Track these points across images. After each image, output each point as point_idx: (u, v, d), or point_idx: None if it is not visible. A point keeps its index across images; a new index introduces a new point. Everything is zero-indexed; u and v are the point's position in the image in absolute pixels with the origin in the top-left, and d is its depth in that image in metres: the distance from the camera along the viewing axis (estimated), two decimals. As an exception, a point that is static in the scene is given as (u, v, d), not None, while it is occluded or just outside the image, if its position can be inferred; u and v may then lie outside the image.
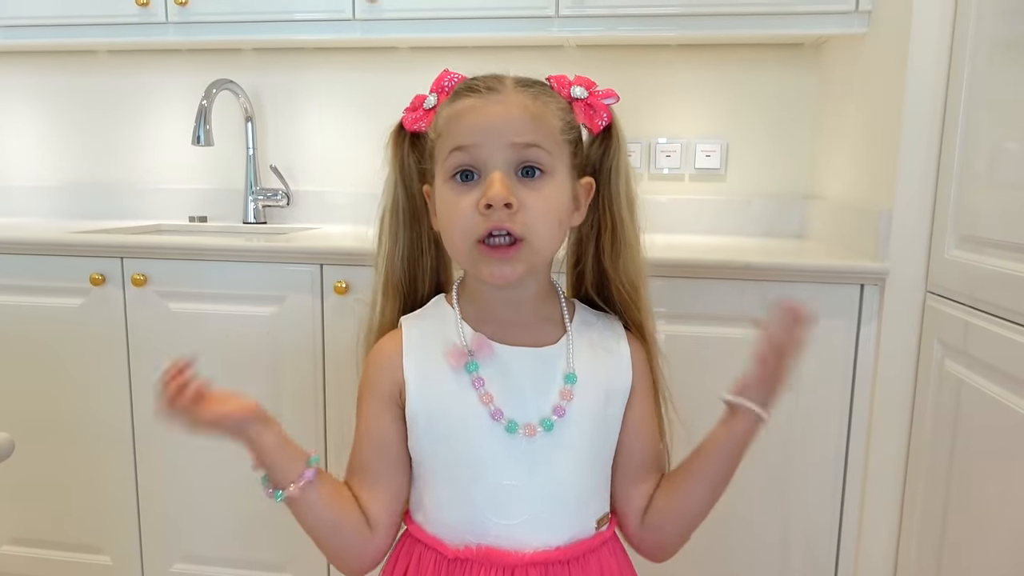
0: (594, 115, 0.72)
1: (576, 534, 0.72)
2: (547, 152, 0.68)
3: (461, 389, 0.70)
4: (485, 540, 0.70)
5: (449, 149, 0.68)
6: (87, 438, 1.52)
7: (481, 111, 0.67)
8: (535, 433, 0.69)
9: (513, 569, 0.69)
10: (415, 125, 0.73)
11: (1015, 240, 0.99)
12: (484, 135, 0.66)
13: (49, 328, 1.50)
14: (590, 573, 0.72)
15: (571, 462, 0.71)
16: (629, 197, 0.75)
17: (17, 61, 2.00)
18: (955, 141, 1.15)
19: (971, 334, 1.07)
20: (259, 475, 0.70)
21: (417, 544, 0.74)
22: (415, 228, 0.77)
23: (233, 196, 1.95)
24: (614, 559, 0.75)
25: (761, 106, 1.75)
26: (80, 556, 1.58)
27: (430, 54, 1.79)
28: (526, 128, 0.67)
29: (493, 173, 0.66)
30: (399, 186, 0.76)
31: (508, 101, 0.67)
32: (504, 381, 0.71)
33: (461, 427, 0.70)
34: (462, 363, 0.70)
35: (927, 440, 1.20)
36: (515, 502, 0.70)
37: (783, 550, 1.36)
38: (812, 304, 1.25)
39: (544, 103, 0.69)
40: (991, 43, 1.07)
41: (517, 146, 0.66)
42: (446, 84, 0.72)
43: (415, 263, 0.78)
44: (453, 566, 0.71)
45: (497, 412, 0.69)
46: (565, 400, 0.71)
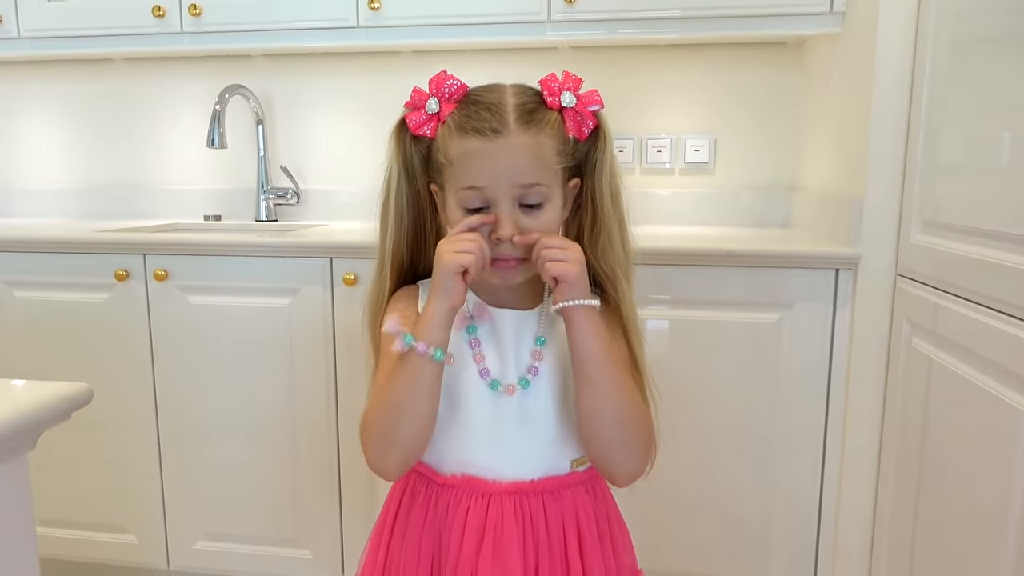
0: (581, 123, 0.80)
1: (549, 470, 0.83)
2: (546, 186, 0.78)
3: (459, 347, 0.82)
4: (468, 471, 0.82)
5: (462, 187, 0.78)
6: (113, 424, 1.61)
7: (489, 157, 0.76)
8: (514, 392, 0.81)
9: (491, 496, 0.81)
10: (420, 130, 0.80)
11: (975, 225, 1.06)
12: (493, 180, 0.76)
13: (77, 321, 1.60)
14: (563, 506, 0.82)
15: (543, 412, 0.82)
16: (613, 191, 0.83)
17: (42, 71, 2.09)
18: (920, 132, 1.23)
19: (939, 314, 1.15)
20: (407, 338, 0.76)
21: (412, 472, 0.86)
22: (418, 217, 0.86)
23: (245, 195, 2.04)
24: (590, 499, 0.85)
25: (748, 102, 1.83)
26: (107, 536, 1.68)
27: (431, 57, 1.88)
28: (529, 171, 0.76)
29: (501, 211, 0.77)
30: (401, 178, 0.83)
31: (513, 145, 0.76)
32: (493, 340, 0.83)
33: (456, 379, 0.82)
34: (463, 325, 0.82)
35: (899, 413, 1.28)
36: (494, 441, 0.82)
37: (765, 521, 1.44)
38: (792, 288, 1.35)
39: (542, 137, 0.77)
40: (949, 41, 1.15)
41: (521, 187, 0.77)
42: (447, 90, 0.79)
43: (417, 247, 0.87)
44: (441, 491, 0.83)
45: (485, 371, 0.82)
46: (537, 360, 0.82)
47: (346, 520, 1.57)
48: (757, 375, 1.40)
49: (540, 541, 0.81)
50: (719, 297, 1.39)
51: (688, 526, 1.46)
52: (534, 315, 0.85)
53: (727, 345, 1.40)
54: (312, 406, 1.54)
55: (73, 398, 0.65)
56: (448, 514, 0.81)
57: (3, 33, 1.81)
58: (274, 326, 1.53)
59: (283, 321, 1.52)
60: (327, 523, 1.58)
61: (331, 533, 1.58)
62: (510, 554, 0.79)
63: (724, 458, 1.44)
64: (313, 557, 1.60)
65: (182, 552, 1.65)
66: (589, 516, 0.84)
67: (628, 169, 1.87)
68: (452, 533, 0.81)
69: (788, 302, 1.37)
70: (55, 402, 0.63)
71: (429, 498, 0.83)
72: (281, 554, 1.61)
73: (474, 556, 0.79)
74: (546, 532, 0.81)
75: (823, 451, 1.40)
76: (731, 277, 1.38)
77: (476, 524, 0.80)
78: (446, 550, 0.81)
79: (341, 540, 1.58)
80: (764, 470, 1.43)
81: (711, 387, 1.41)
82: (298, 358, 1.53)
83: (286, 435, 1.56)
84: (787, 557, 1.45)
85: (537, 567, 0.80)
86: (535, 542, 0.80)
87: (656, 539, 1.45)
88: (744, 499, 1.45)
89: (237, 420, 1.58)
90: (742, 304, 1.39)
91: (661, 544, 1.46)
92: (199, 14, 1.71)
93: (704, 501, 1.45)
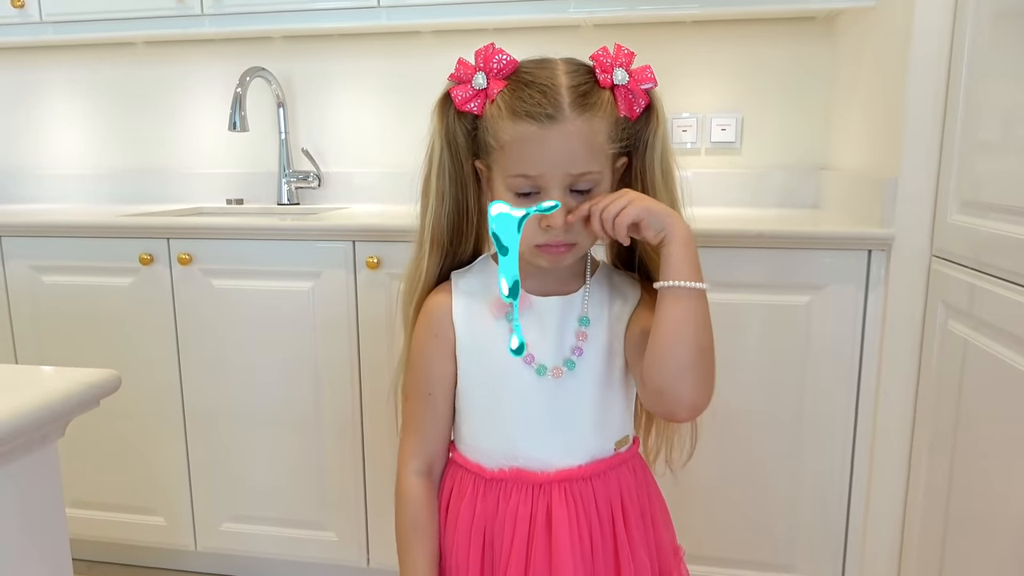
0: (633, 102, 0.76)
1: (595, 454, 0.82)
2: (598, 172, 0.75)
3: (501, 336, 0.80)
4: (516, 463, 0.81)
5: (512, 170, 0.75)
6: (140, 407, 1.63)
7: (544, 144, 0.73)
8: (561, 375, 0.80)
9: (541, 486, 0.80)
10: (467, 106, 0.76)
11: (1017, 204, 1.03)
12: (546, 167, 0.73)
13: (103, 305, 1.61)
14: (609, 488, 0.82)
15: (589, 394, 0.81)
16: (665, 170, 0.80)
17: (64, 56, 2.10)
18: (958, 109, 1.19)
19: (976, 296, 1.12)
20: None
21: (459, 469, 0.86)
22: (462, 192, 0.82)
23: (267, 179, 2.04)
24: (632, 477, 0.85)
25: (775, 80, 1.79)
26: (136, 517, 1.70)
27: (452, 37, 1.85)
28: (583, 160, 0.74)
29: (553, 198, 0.74)
30: (444, 151, 0.80)
31: (568, 132, 0.73)
32: (537, 328, 0.81)
33: (500, 369, 0.81)
34: (503, 313, 0.81)
35: (933, 397, 1.25)
36: (542, 431, 0.81)
37: (792, 506, 1.43)
38: (823, 269, 1.32)
39: (596, 123, 0.74)
40: (992, 13, 1.11)
41: (573, 175, 0.74)
42: (495, 65, 0.75)
43: (459, 223, 0.84)
44: (490, 485, 0.82)
45: (530, 357, 0.80)
46: (581, 340, 0.81)
47: (371, 502, 1.58)
48: (786, 358, 1.37)
49: (592, 525, 0.81)
50: (748, 279, 1.36)
51: (715, 511, 1.45)
52: (577, 298, 0.83)
53: (756, 328, 1.37)
54: (336, 388, 1.54)
55: (101, 385, 0.65)
56: (498, 507, 0.81)
57: (25, 18, 1.81)
58: (297, 309, 1.53)
59: (306, 304, 1.52)
60: (352, 506, 1.59)
61: (356, 515, 1.59)
62: (562, 540, 0.79)
63: (752, 442, 1.42)
64: (338, 539, 1.61)
65: (209, 533, 1.67)
66: (632, 495, 0.84)
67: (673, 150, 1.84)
68: (504, 525, 0.81)
69: (819, 284, 1.34)
70: (83, 389, 0.63)
71: (477, 492, 0.83)
72: (306, 536, 1.62)
73: (526, 545, 0.79)
74: (597, 515, 0.81)
75: (853, 436, 1.38)
76: (760, 259, 1.35)
77: (526, 514, 0.80)
78: (499, 542, 0.81)
79: (366, 522, 1.59)
80: (793, 454, 1.41)
81: (739, 371, 1.38)
82: (321, 341, 1.53)
83: (311, 418, 1.57)
84: (815, 546, 1.43)
85: (592, 550, 0.81)
86: (588, 526, 0.81)
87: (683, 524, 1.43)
88: (771, 484, 1.43)
89: (262, 403, 1.59)
90: (771, 286, 1.36)
91: (688, 529, 1.44)
92: (219, -4, 1.70)
93: (731, 486, 1.44)
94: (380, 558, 1.59)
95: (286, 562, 1.67)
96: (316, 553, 1.63)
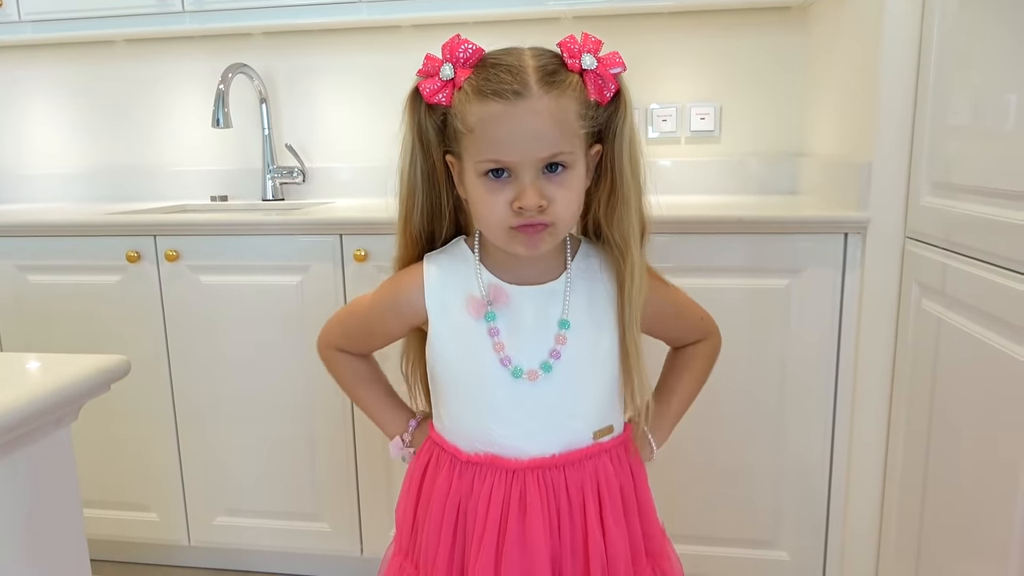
0: (603, 86, 0.76)
1: (570, 444, 0.83)
2: (570, 152, 0.75)
3: (478, 337, 0.81)
4: (491, 449, 0.83)
5: (482, 154, 0.74)
6: (131, 404, 1.63)
7: (512, 122, 0.72)
8: (537, 378, 0.81)
9: (514, 472, 0.82)
10: (435, 97, 0.75)
11: (986, 185, 1.06)
12: (516, 146, 0.72)
13: (90, 304, 1.61)
14: (583, 475, 0.83)
15: (565, 395, 0.82)
16: (632, 158, 0.79)
17: (43, 55, 2.09)
18: (928, 94, 1.22)
19: (948, 275, 1.15)
20: None
21: (435, 447, 0.88)
22: (433, 189, 0.82)
23: (251, 175, 2.04)
24: (612, 466, 0.85)
25: (752, 69, 1.82)
26: (129, 514, 1.71)
27: (432, 31, 1.87)
28: (554, 139, 0.73)
29: (524, 179, 0.73)
30: (416, 148, 0.80)
31: (536, 109, 0.72)
32: (514, 325, 0.81)
33: (475, 368, 0.82)
34: (481, 314, 0.81)
35: (909, 375, 1.29)
36: (515, 425, 0.83)
37: (775, 487, 1.46)
38: (801, 253, 1.36)
39: (565, 101, 0.73)
40: (959, 2, 1.14)
41: (544, 156, 0.73)
42: (461, 55, 0.74)
43: (433, 220, 0.85)
44: (465, 467, 0.84)
45: (506, 359, 0.81)
46: (560, 344, 0.81)
47: (363, 493, 1.60)
48: (767, 341, 1.41)
49: (562, 510, 0.82)
50: (728, 264, 1.39)
51: (700, 490, 1.48)
52: (557, 289, 0.83)
53: (736, 312, 1.40)
54: (326, 381, 1.53)
55: (112, 369, 0.67)
56: (473, 488, 0.83)
57: (4, 17, 1.80)
58: (286, 304, 1.54)
59: (295, 298, 1.53)
60: (344, 497, 1.61)
61: (349, 506, 1.61)
62: (534, 523, 0.80)
63: (735, 422, 1.45)
64: (332, 530, 1.63)
65: (202, 528, 1.68)
66: (611, 483, 0.84)
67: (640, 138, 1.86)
68: (478, 504, 0.82)
69: (797, 267, 1.37)
70: (95, 373, 0.65)
71: (453, 471, 0.85)
72: (300, 528, 1.64)
73: (499, 525, 0.81)
74: (568, 502, 0.82)
75: (833, 414, 1.42)
76: (740, 244, 1.38)
77: (500, 497, 0.82)
78: (472, 519, 0.83)
79: (359, 512, 1.61)
80: (775, 433, 1.44)
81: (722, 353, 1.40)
82: (311, 334, 1.52)
83: (302, 411, 1.58)
84: (798, 521, 1.47)
85: (559, 533, 0.82)
86: (557, 511, 0.82)
87: (668, 504, 1.46)
88: (755, 463, 1.46)
89: (253, 397, 1.60)
90: (751, 270, 1.39)
91: (672, 512, 1.48)
92: (200, -8, 1.71)
93: (715, 466, 1.47)
94: (373, 547, 1.62)
95: (280, 554, 1.69)
96: (310, 544, 1.64)
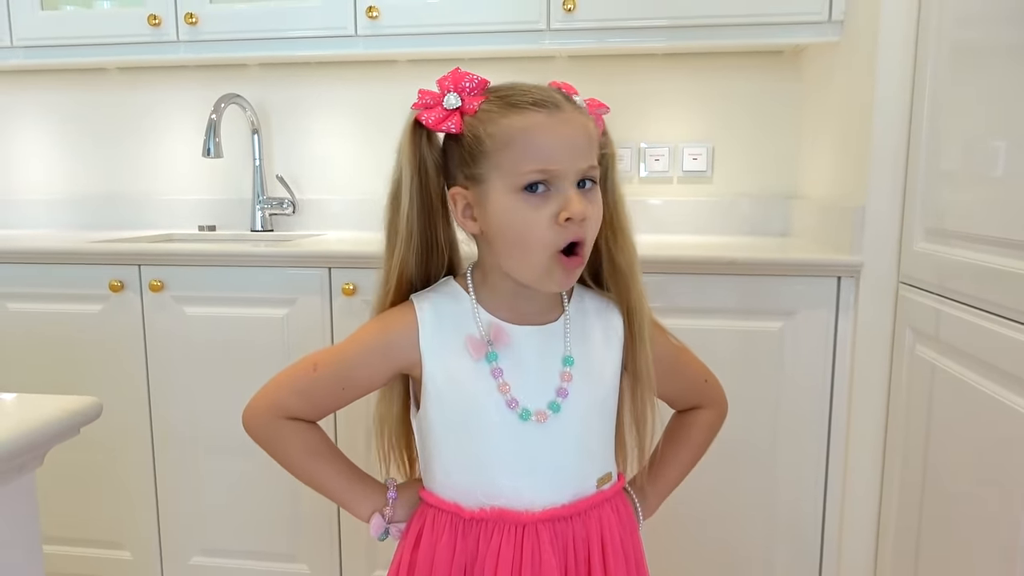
0: (598, 122, 0.78)
1: (577, 492, 0.79)
2: (598, 168, 0.75)
3: (479, 378, 0.77)
4: (497, 502, 0.77)
5: (526, 165, 0.71)
6: (108, 438, 1.58)
7: (555, 131, 0.71)
8: (546, 419, 0.77)
9: (524, 526, 0.76)
10: (443, 125, 0.74)
11: (979, 232, 1.06)
12: (561, 155, 0.71)
13: (71, 333, 1.58)
14: (590, 527, 0.79)
15: (573, 436, 0.79)
16: (618, 199, 0.81)
17: (35, 80, 2.08)
18: (921, 140, 1.23)
19: (942, 321, 1.14)
20: None
21: (430, 508, 0.81)
22: (430, 228, 0.79)
23: (240, 205, 2.02)
24: (615, 516, 0.82)
25: (745, 111, 1.84)
26: (101, 552, 1.65)
27: (428, 66, 1.87)
28: (590, 150, 0.73)
29: (567, 189, 0.72)
30: (413, 185, 0.76)
31: (573, 122, 0.73)
32: (518, 366, 0.77)
33: (478, 412, 0.77)
34: (482, 354, 0.77)
35: (903, 421, 1.27)
36: (524, 472, 0.78)
37: (768, 533, 1.43)
38: (794, 296, 1.35)
39: (588, 119, 0.75)
40: (952, 47, 1.15)
41: (582, 168, 0.73)
42: (467, 84, 0.74)
43: (428, 260, 0.80)
44: (469, 526, 0.78)
45: (512, 401, 0.76)
46: (566, 382, 0.78)
47: (345, 534, 1.55)
48: (759, 384, 1.39)
49: (569, 567, 0.78)
50: (720, 306, 1.38)
51: (691, 536, 1.45)
52: (558, 328, 0.80)
53: (728, 354, 1.39)
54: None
55: (82, 412, 0.63)
56: (479, 548, 0.77)
57: (-4, 42, 1.79)
58: (272, 337, 1.51)
59: (280, 332, 1.51)
60: (325, 537, 1.56)
61: (330, 547, 1.56)
62: None
63: (727, 466, 1.42)
64: (311, 572, 1.58)
65: (177, 568, 1.63)
66: (615, 534, 0.81)
67: (627, 177, 1.87)
68: (484, 566, 0.76)
69: (790, 310, 1.36)
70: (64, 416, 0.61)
71: (456, 532, 0.78)
72: (278, 569, 1.59)
73: None
74: (574, 556, 0.78)
75: (826, 460, 1.39)
76: (732, 285, 1.37)
77: (510, 556, 0.76)
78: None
79: (340, 554, 1.56)
80: (766, 481, 1.42)
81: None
82: (296, 369, 1.51)
83: (283, 447, 1.54)
84: (791, 565, 1.44)
85: None
86: (566, 568, 0.78)
87: (659, 550, 1.43)
88: (745, 511, 1.44)
89: (233, 433, 1.54)
90: (743, 312, 1.38)
91: (665, 555, 1.45)
92: (195, 23, 1.70)
93: (707, 510, 1.44)
94: (354, 590, 1.57)
95: (256, 596, 1.63)
96: (288, 586, 1.59)
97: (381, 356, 0.79)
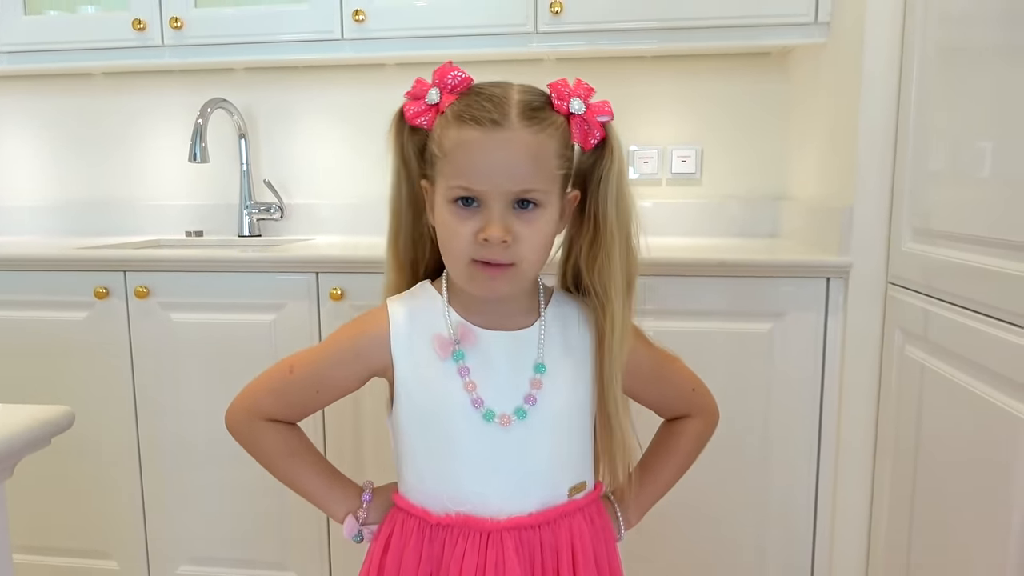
0: (588, 133, 0.74)
1: (546, 501, 0.79)
2: (544, 191, 0.72)
3: (447, 377, 0.76)
4: (463, 508, 0.77)
5: (453, 180, 0.71)
6: (93, 445, 1.57)
7: (486, 151, 0.70)
8: (509, 423, 0.76)
9: (489, 534, 0.76)
10: (417, 120, 0.75)
11: (966, 232, 1.06)
12: (487, 176, 0.70)
13: (56, 341, 1.56)
14: (559, 537, 0.78)
15: (541, 444, 0.78)
16: (621, 208, 0.76)
17: (20, 86, 2.06)
18: (908, 141, 1.23)
19: (930, 321, 1.15)
20: None
21: (400, 512, 0.81)
22: (416, 213, 0.81)
23: (228, 211, 2.01)
24: (587, 525, 0.81)
25: (733, 113, 1.84)
26: (87, 562, 1.63)
27: (415, 69, 1.83)
28: (527, 174, 0.71)
29: (492, 210, 0.71)
30: (400, 172, 0.79)
31: (512, 141, 0.70)
32: (485, 366, 0.77)
33: (444, 411, 0.77)
34: (449, 352, 0.77)
35: (893, 421, 1.27)
36: (489, 477, 0.77)
37: (759, 534, 1.43)
38: (783, 297, 1.35)
39: (545, 137, 0.72)
40: (937, 48, 1.16)
41: (515, 191, 0.71)
42: (450, 81, 0.73)
43: (418, 244, 0.82)
44: (435, 531, 0.78)
45: (478, 400, 0.76)
46: (535, 389, 0.77)
47: (334, 541, 1.53)
48: (749, 385, 1.39)
49: (537, 574, 0.77)
50: (709, 308, 1.38)
51: (684, 536, 1.44)
52: (532, 335, 0.79)
53: (718, 356, 1.38)
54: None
55: (53, 422, 0.61)
56: (444, 554, 0.77)
57: (-21, 48, 1.77)
58: (259, 343, 1.50)
59: (268, 337, 1.49)
60: (314, 545, 1.54)
61: (319, 555, 1.55)
62: None
63: (719, 468, 1.42)
64: (300, 580, 1.56)
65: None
66: (586, 544, 0.80)
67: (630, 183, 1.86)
68: (449, 574, 0.76)
69: (779, 312, 1.36)
70: (35, 426, 0.59)
71: (423, 537, 0.78)
72: (267, 577, 1.57)
73: None
74: (541, 564, 0.77)
75: (817, 459, 1.39)
76: (721, 287, 1.37)
77: (474, 562, 0.75)
78: None
79: (329, 562, 1.55)
80: (758, 480, 1.41)
81: (704, 398, 1.39)
82: (284, 375, 1.50)
83: (272, 454, 1.53)
84: (784, 564, 1.43)
85: None
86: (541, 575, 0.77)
87: (649, 555, 1.43)
88: (737, 512, 1.43)
89: (221, 440, 1.52)
90: (733, 314, 1.38)
91: (654, 560, 1.44)
92: (180, 27, 1.69)
93: (699, 511, 1.44)
94: (344, 598, 1.55)
95: (245, 605, 1.61)
96: (277, 595, 1.58)
97: (353, 358, 0.80)
